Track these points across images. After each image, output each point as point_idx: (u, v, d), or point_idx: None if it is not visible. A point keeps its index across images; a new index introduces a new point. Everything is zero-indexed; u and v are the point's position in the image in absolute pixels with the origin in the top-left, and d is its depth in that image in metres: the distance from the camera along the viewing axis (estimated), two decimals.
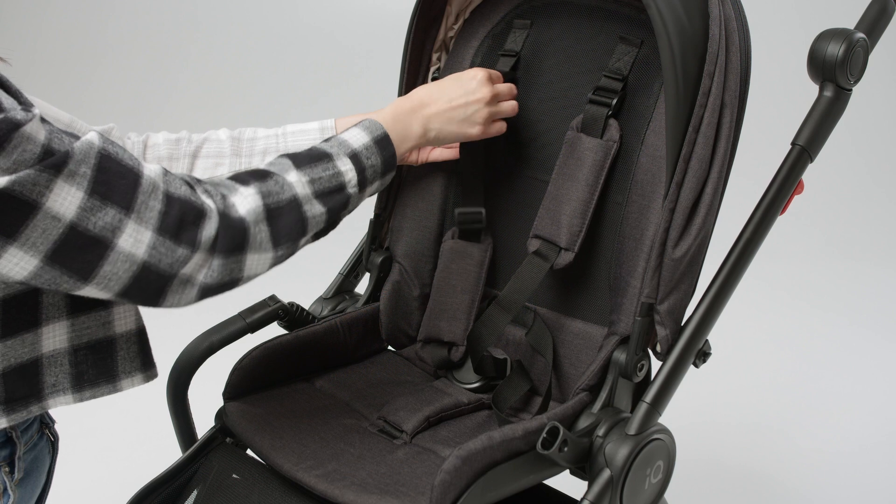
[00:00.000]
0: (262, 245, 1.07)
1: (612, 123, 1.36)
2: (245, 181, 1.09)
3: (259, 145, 1.38)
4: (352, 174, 1.17)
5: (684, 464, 1.54)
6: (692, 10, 1.23)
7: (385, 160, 1.22)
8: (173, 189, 1.01)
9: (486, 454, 1.15)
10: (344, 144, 1.19)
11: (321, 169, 1.15)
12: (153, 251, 0.99)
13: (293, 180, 1.11)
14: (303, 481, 1.22)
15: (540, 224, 1.39)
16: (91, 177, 0.95)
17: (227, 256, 1.04)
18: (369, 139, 1.21)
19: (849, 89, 1.33)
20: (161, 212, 0.99)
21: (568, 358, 1.41)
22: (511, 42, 1.49)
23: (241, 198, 1.06)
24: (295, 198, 1.10)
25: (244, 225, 1.05)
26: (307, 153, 1.16)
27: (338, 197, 1.16)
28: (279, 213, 1.08)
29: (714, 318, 1.31)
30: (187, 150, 1.37)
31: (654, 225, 1.31)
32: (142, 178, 0.99)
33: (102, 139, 0.98)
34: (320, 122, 1.40)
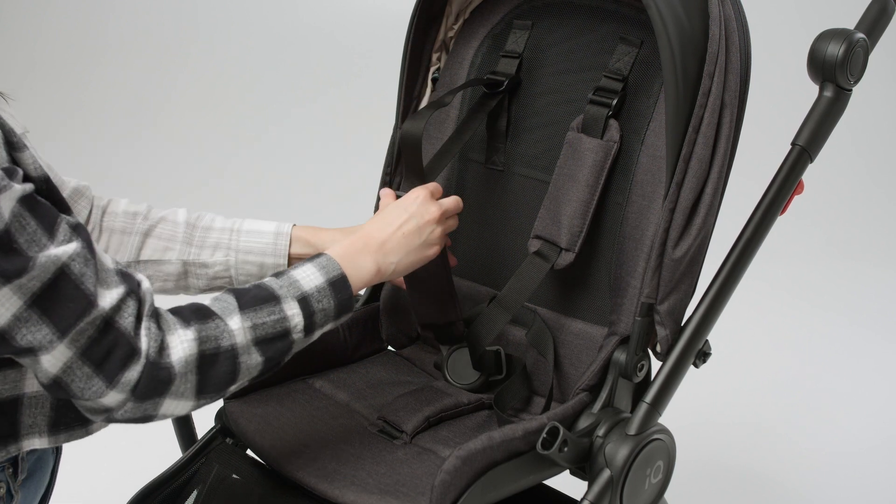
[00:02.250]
0: (185, 394, 1.02)
1: (612, 124, 1.36)
2: (187, 320, 1.03)
3: (211, 238, 1.36)
4: (298, 319, 1.09)
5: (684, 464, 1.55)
6: (692, 10, 1.23)
7: (339, 303, 1.13)
8: (118, 319, 0.97)
9: (486, 454, 1.15)
10: (294, 286, 1.11)
11: (266, 313, 1.07)
12: (69, 372, 0.96)
13: (234, 327, 1.05)
14: (302, 481, 1.22)
15: (540, 224, 1.39)
16: (38, 291, 0.92)
17: (143, 401, 1.00)
18: (323, 280, 1.13)
19: (849, 89, 1.33)
20: (92, 338, 0.96)
21: (568, 358, 1.41)
22: (512, 43, 1.49)
23: (177, 341, 1.01)
24: (232, 347, 1.04)
25: (171, 374, 1.00)
26: (255, 293, 1.09)
27: (279, 344, 1.08)
28: (213, 363, 1.03)
29: (714, 318, 1.31)
30: (141, 228, 1.35)
31: (654, 225, 1.31)
32: (93, 308, 0.95)
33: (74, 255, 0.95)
34: (277, 225, 1.37)
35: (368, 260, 1.19)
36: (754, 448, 2.44)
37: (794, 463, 2.38)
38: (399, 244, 1.23)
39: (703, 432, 2.45)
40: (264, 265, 1.37)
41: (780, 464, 2.37)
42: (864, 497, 2.25)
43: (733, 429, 2.52)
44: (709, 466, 2.34)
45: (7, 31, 4.51)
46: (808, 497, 2.25)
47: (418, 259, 1.26)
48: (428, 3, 1.48)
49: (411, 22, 1.48)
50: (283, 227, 1.37)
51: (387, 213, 1.26)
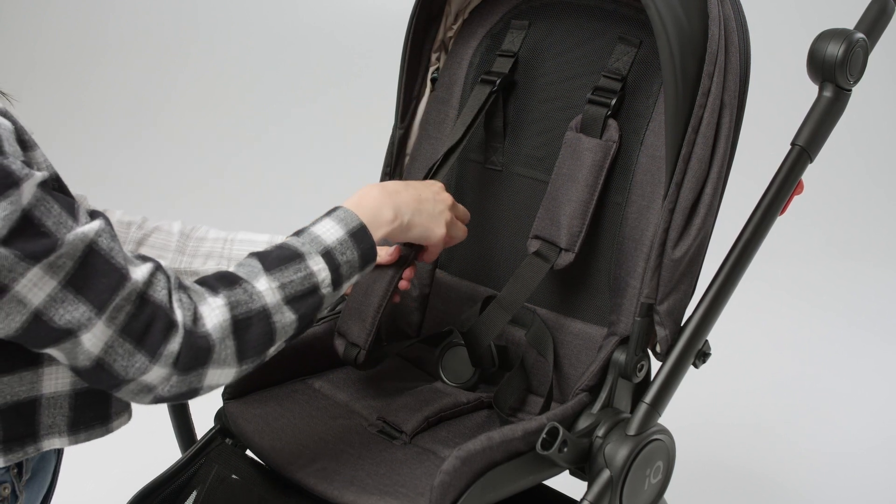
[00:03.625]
0: (227, 361, 1.03)
1: (611, 123, 1.36)
2: (214, 289, 1.04)
3: (204, 247, 1.37)
4: (325, 273, 1.09)
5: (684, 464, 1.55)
6: (691, 10, 1.23)
7: (363, 253, 1.13)
8: (152, 292, 0.98)
9: (486, 455, 1.15)
10: (316, 241, 1.11)
11: (292, 271, 1.08)
12: (110, 351, 0.96)
13: (262, 288, 1.05)
14: (302, 482, 1.22)
15: (540, 225, 1.39)
16: (70, 269, 0.93)
17: (187, 373, 1.00)
18: (344, 233, 1.13)
19: (848, 89, 1.33)
20: (130, 314, 0.96)
21: (567, 358, 1.41)
22: (508, 42, 1.49)
23: (209, 309, 1.02)
24: (264, 308, 1.05)
25: (210, 342, 1.00)
26: (277, 253, 1.09)
27: (310, 300, 1.09)
28: (247, 326, 1.03)
29: (714, 318, 1.31)
30: (135, 237, 1.36)
31: (653, 225, 1.31)
32: (126, 282, 0.96)
33: (101, 231, 0.95)
34: (270, 236, 1.37)
35: (386, 206, 1.20)
36: (754, 448, 2.44)
37: (794, 463, 2.38)
38: (413, 202, 1.23)
39: (703, 432, 2.45)
40: None
41: (780, 464, 2.37)
42: (864, 497, 2.25)
43: (733, 429, 2.52)
44: (709, 466, 2.34)
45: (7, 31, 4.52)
46: (808, 497, 2.25)
47: (427, 226, 1.25)
48: (427, 3, 1.48)
49: (410, 22, 1.48)
50: (276, 238, 1.36)
51: (408, 181, 1.26)
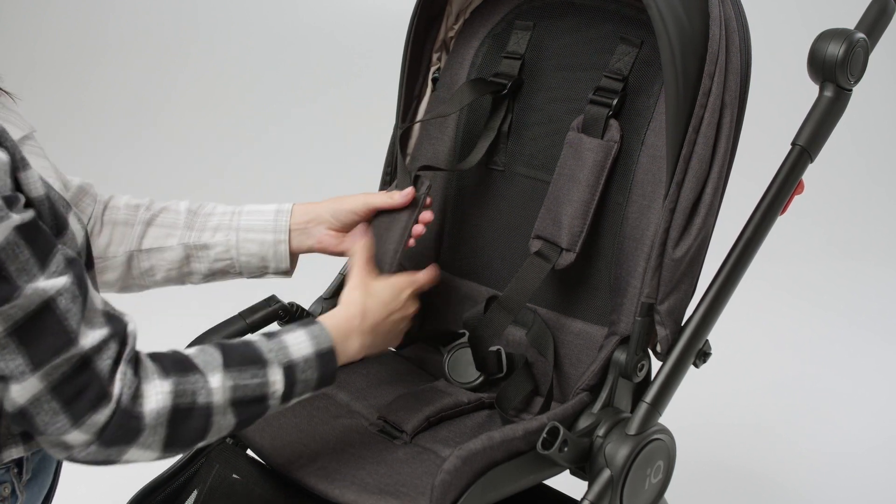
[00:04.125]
0: (152, 446, 1.01)
1: (612, 124, 1.36)
2: (166, 371, 1.02)
3: (213, 221, 1.37)
4: (279, 386, 1.08)
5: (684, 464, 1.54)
6: (692, 10, 1.23)
7: (322, 376, 1.13)
8: (95, 360, 0.96)
9: (486, 454, 1.15)
10: (283, 351, 1.10)
11: (249, 374, 1.06)
12: (35, 405, 0.94)
13: (215, 385, 1.03)
14: (302, 481, 1.22)
15: (541, 225, 1.39)
16: (20, 321, 0.91)
17: (108, 446, 0.98)
18: (312, 351, 1.12)
19: (849, 89, 1.33)
20: (65, 375, 0.94)
21: (568, 358, 1.41)
22: (514, 44, 1.49)
23: (153, 392, 1.00)
24: (209, 405, 1.03)
25: (141, 425, 0.99)
26: (242, 351, 1.08)
27: (255, 408, 1.08)
28: (185, 418, 1.02)
29: (714, 318, 1.31)
30: (143, 217, 1.36)
31: (654, 225, 1.31)
32: (72, 347, 0.94)
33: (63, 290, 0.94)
34: (277, 205, 1.37)
35: (357, 341, 1.20)
36: (754, 448, 2.44)
37: (794, 463, 2.38)
38: (385, 331, 1.25)
39: (703, 432, 2.45)
40: (265, 242, 1.37)
41: (780, 464, 2.37)
42: (865, 497, 2.25)
43: (733, 429, 2.51)
44: (709, 466, 2.34)
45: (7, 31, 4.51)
46: (808, 497, 2.25)
47: (385, 346, 1.28)
48: (428, 3, 1.48)
49: (411, 22, 1.48)
50: (283, 206, 1.38)
51: (384, 295, 1.26)
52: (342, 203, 1.38)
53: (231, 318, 1.43)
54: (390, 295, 1.27)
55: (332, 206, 1.38)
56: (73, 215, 1.05)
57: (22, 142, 1.12)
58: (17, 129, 1.13)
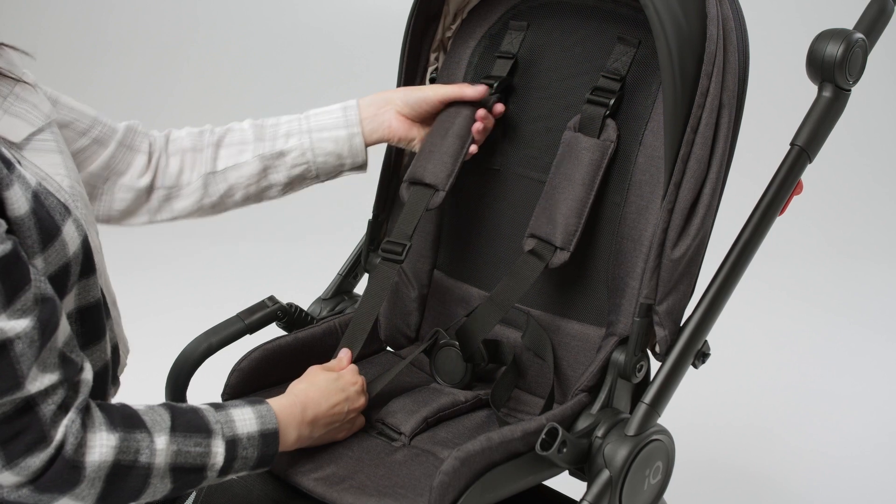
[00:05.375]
0: (86, 497, 0.99)
1: (609, 123, 1.35)
2: (114, 425, 1.01)
3: (282, 128, 1.39)
4: (219, 458, 1.08)
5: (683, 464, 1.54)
6: (690, 10, 1.23)
7: (261, 457, 1.13)
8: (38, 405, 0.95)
9: (485, 455, 1.15)
10: (229, 425, 1.10)
11: (194, 443, 1.06)
12: None
13: (159, 447, 1.03)
14: (301, 485, 1.22)
15: (536, 223, 1.38)
16: None
17: (42, 492, 0.97)
18: (257, 430, 1.12)
19: (848, 89, 1.33)
20: (5, 415, 0.93)
21: (566, 359, 1.40)
22: (507, 44, 1.49)
23: (97, 443, 0.99)
24: (149, 466, 1.02)
25: (80, 476, 0.98)
26: (190, 417, 1.08)
27: (193, 477, 1.07)
28: (124, 476, 1.01)
29: (713, 318, 1.31)
30: (210, 140, 1.38)
31: (652, 225, 1.30)
32: (17, 390, 0.93)
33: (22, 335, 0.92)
34: (342, 103, 1.40)
35: (295, 431, 1.19)
36: (754, 448, 2.44)
37: (794, 463, 2.38)
38: (326, 423, 1.24)
39: (702, 432, 2.45)
40: (339, 139, 1.40)
41: (780, 464, 2.37)
42: (865, 497, 2.25)
43: (733, 429, 2.51)
44: (708, 466, 2.34)
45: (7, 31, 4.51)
46: (808, 497, 2.25)
47: (330, 439, 1.27)
48: (426, 4, 1.48)
49: (409, 22, 1.48)
50: (349, 102, 1.41)
51: (323, 383, 1.25)
52: (413, 90, 1.43)
53: (229, 319, 1.43)
54: (335, 387, 1.26)
55: (404, 91, 1.44)
56: (72, 221, 1.04)
57: (28, 140, 1.10)
58: (25, 125, 1.11)
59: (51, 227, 1.00)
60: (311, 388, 1.24)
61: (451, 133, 1.42)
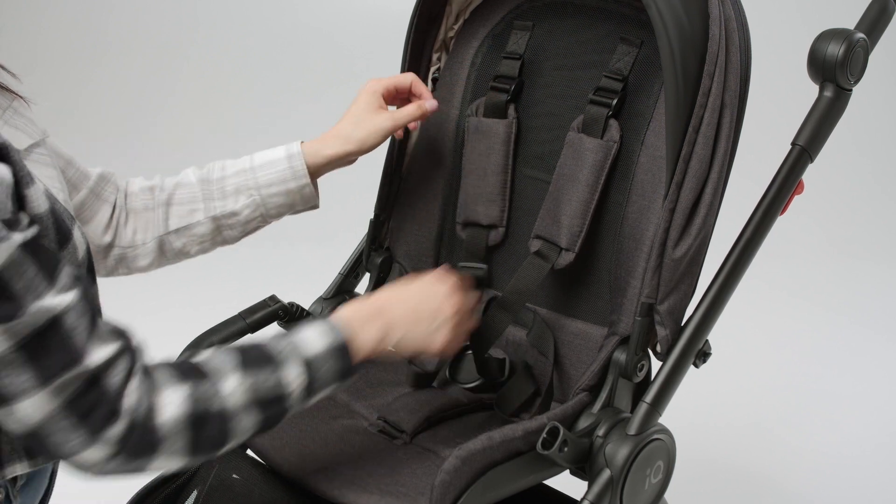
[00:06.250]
0: (175, 453, 1.00)
1: (612, 124, 1.36)
2: (179, 379, 1.00)
3: (230, 184, 1.36)
4: (297, 384, 1.07)
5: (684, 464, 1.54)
6: (692, 10, 1.23)
7: (338, 370, 1.11)
8: (107, 377, 0.95)
9: (486, 454, 1.15)
10: (297, 349, 1.08)
11: (265, 375, 1.05)
12: (49, 423, 0.93)
13: (230, 388, 1.02)
14: (302, 481, 1.22)
15: (541, 224, 1.39)
16: (26, 337, 0.90)
17: (130, 459, 0.98)
18: (326, 347, 1.10)
19: (849, 89, 1.33)
20: (76, 392, 0.93)
21: (568, 358, 1.40)
22: (513, 44, 1.49)
23: (168, 399, 0.99)
24: (226, 409, 1.02)
25: (159, 433, 0.98)
26: (255, 353, 1.06)
27: (276, 408, 1.06)
28: (204, 423, 1.00)
29: (714, 318, 1.31)
30: (160, 199, 1.36)
31: (654, 225, 1.30)
32: (79, 364, 0.93)
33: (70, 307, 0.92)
34: (286, 149, 1.37)
35: (373, 329, 1.16)
36: (754, 448, 2.44)
37: (795, 463, 2.38)
38: (406, 322, 1.20)
39: (703, 432, 2.45)
40: (290, 191, 1.39)
41: (781, 464, 2.37)
42: (865, 497, 2.25)
43: (733, 429, 2.51)
44: (709, 466, 2.34)
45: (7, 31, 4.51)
46: (808, 497, 2.25)
47: (420, 346, 1.22)
48: (428, 3, 1.48)
49: (411, 22, 1.48)
50: (293, 148, 1.38)
51: (409, 287, 1.24)
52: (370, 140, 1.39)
53: (231, 318, 1.43)
54: (419, 291, 1.23)
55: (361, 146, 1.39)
56: (77, 228, 1.04)
57: (29, 151, 1.10)
58: (25, 137, 1.11)
59: (65, 229, 1.01)
60: (391, 291, 1.23)
61: (490, 172, 1.46)
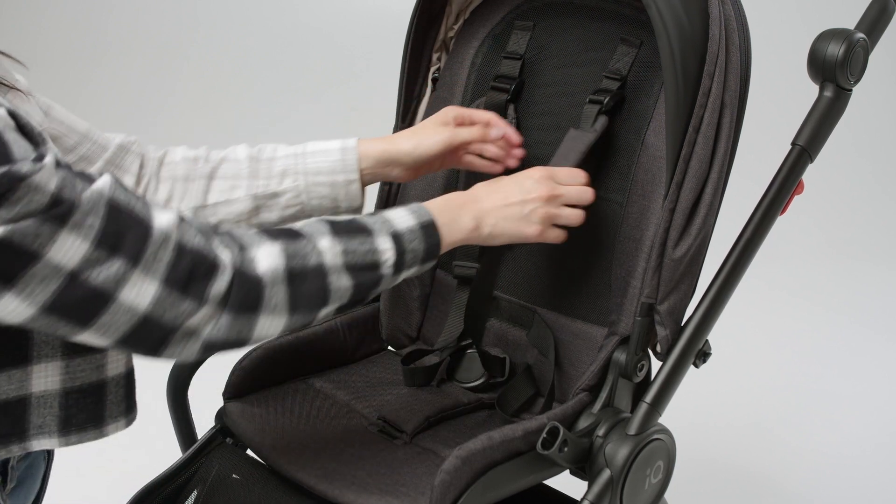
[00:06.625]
0: (277, 308, 1.01)
1: (600, 119, 1.35)
2: (274, 237, 1.03)
3: (278, 166, 1.33)
4: (390, 254, 1.09)
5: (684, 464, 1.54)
6: (692, 10, 1.23)
7: (428, 248, 1.13)
8: (186, 239, 0.96)
9: (486, 454, 1.15)
10: (388, 223, 1.11)
11: (358, 242, 1.07)
12: (157, 304, 0.94)
13: (324, 247, 1.05)
14: (302, 481, 1.22)
15: None
16: (99, 228, 0.90)
17: (237, 314, 0.98)
18: (415, 223, 1.13)
19: (849, 89, 1.33)
20: (170, 263, 0.94)
21: (568, 358, 1.41)
22: (514, 44, 1.49)
23: (263, 253, 1.01)
24: (321, 266, 1.04)
25: (260, 284, 0.99)
26: (347, 222, 1.09)
27: (369, 274, 1.08)
28: (301, 278, 1.02)
29: (714, 318, 1.31)
30: (203, 171, 1.32)
31: (654, 225, 1.30)
32: (152, 230, 0.94)
33: (114, 185, 0.93)
34: (342, 142, 1.34)
35: (466, 214, 1.19)
36: (754, 448, 2.44)
37: (795, 463, 2.38)
38: (498, 209, 1.21)
39: (703, 432, 2.45)
40: (335, 184, 1.33)
41: (781, 464, 2.37)
42: (865, 497, 2.25)
43: (733, 429, 2.51)
44: (709, 466, 2.34)
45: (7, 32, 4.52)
46: (808, 497, 2.25)
47: (514, 232, 1.23)
48: (428, 3, 1.48)
49: (411, 22, 1.48)
50: (349, 142, 1.34)
51: (501, 179, 1.25)
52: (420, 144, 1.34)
53: None
54: (509, 181, 1.24)
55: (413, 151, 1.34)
56: None
57: None
58: None
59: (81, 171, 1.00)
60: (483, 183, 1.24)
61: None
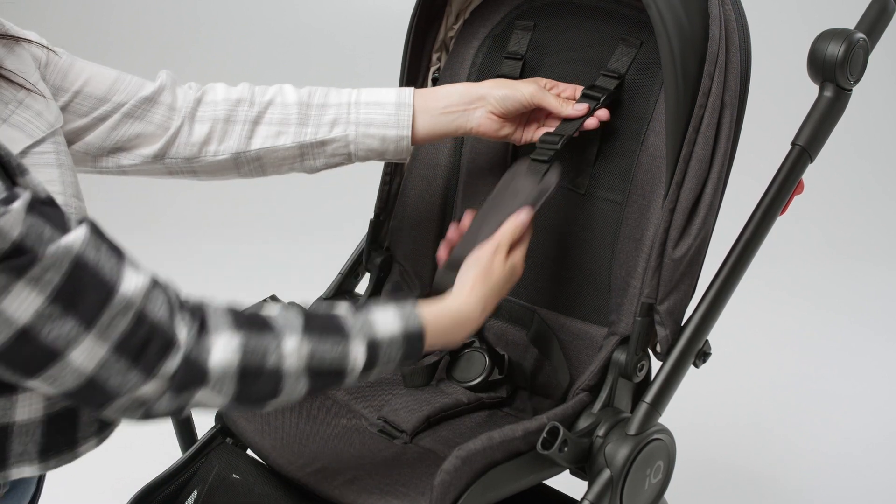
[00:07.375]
0: (221, 396, 0.97)
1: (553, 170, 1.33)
2: (239, 325, 0.97)
3: (328, 115, 1.29)
4: (359, 362, 1.03)
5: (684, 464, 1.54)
6: (692, 10, 1.23)
7: (405, 355, 1.07)
8: (149, 309, 0.92)
9: (486, 454, 1.15)
10: (368, 326, 1.04)
11: (329, 345, 1.01)
12: (103, 369, 0.91)
13: (289, 349, 0.98)
14: (302, 481, 1.22)
15: None
16: (57, 284, 0.87)
17: (179, 393, 0.95)
18: (399, 332, 1.06)
19: (849, 89, 1.33)
20: (125, 332, 0.91)
21: (568, 358, 1.41)
22: (514, 44, 1.49)
23: (220, 345, 0.96)
24: (279, 370, 0.98)
25: (206, 377, 0.95)
26: (324, 319, 1.03)
27: (330, 379, 1.03)
28: (255, 377, 0.97)
29: (714, 318, 1.31)
30: (248, 116, 1.28)
31: (654, 225, 1.31)
32: (115, 294, 0.90)
33: (87, 241, 0.90)
34: (398, 94, 1.30)
35: (461, 334, 1.15)
36: (754, 448, 2.44)
37: (795, 463, 2.38)
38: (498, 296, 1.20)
39: (703, 432, 2.45)
40: (386, 138, 1.30)
41: (781, 464, 2.37)
42: (865, 497, 2.25)
43: (733, 429, 2.52)
44: (709, 466, 2.34)
45: None
46: (808, 497, 2.25)
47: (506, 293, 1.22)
48: (428, 3, 1.48)
49: (411, 22, 1.48)
50: (405, 96, 1.30)
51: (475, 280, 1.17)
52: (512, 91, 1.32)
53: None
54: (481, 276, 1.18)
55: (502, 91, 1.31)
56: None
57: (26, 152, 1.08)
58: (24, 137, 1.08)
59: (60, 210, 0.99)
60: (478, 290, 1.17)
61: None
